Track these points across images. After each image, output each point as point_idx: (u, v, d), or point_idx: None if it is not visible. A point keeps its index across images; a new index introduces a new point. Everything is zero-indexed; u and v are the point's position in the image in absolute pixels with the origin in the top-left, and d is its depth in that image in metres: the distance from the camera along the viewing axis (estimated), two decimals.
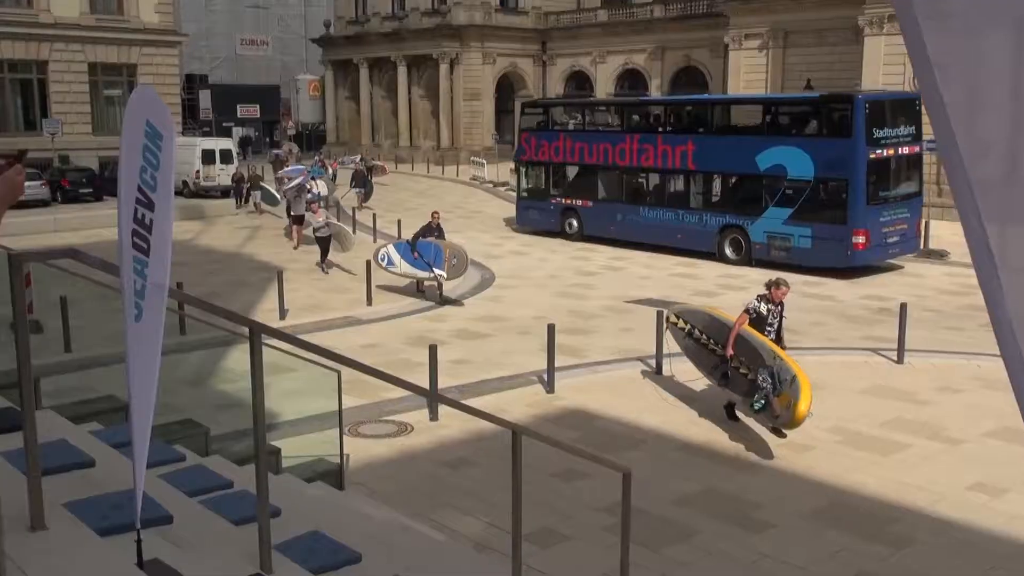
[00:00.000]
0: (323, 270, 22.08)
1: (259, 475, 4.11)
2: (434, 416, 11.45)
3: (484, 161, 45.02)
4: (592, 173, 26.61)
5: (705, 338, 12.12)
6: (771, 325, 11.24)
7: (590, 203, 26.88)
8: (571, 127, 27.53)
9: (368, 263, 19.04)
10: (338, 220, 29.64)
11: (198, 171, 37.12)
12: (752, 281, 20.08)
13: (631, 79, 53.07)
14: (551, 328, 13.07)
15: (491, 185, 42.28)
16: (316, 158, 42.77)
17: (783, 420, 10.54)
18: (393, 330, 16.61)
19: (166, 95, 44.40)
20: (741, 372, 11.27)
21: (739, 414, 11.55)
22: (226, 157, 38.11)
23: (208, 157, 37.56)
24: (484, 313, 18.01)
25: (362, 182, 37.19)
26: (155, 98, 3.34)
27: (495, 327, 16.75)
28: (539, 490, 9.00)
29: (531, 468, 8.12)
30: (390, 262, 19.30)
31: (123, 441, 4.83)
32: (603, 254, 25.09)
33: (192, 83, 67.66)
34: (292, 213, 26.49)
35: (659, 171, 24.91)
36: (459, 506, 8.94)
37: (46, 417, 5.70)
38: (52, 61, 40.27)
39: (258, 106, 70.19)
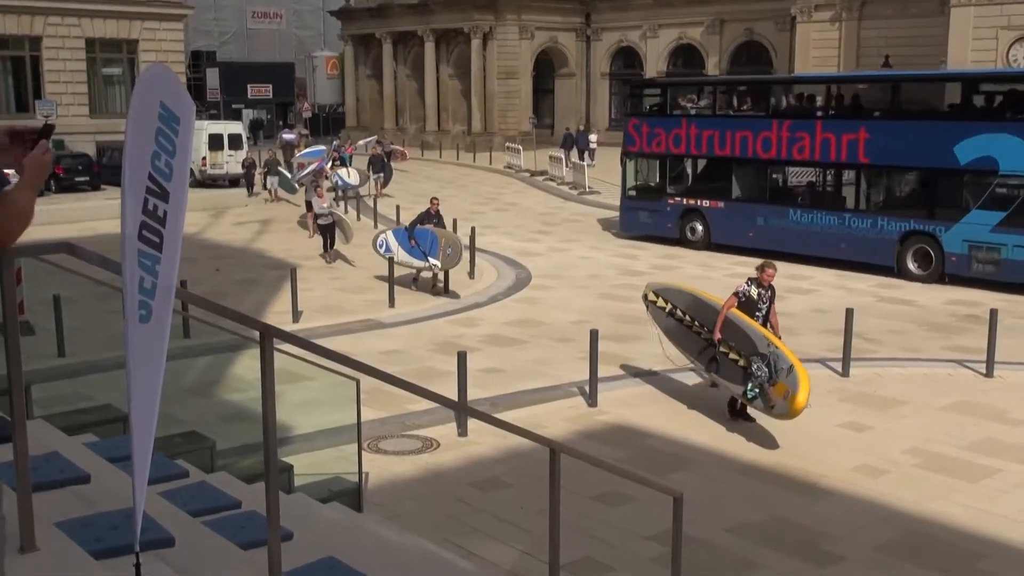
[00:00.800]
0: (327, 260, 22.92)
1: (269, 494, 4.14)
2: (463, 431, 11.48)
3: (520, 147, 45.02)
4: (724, 167, 24.46)
5: (689, 319, 12.73)
6: (760, 310, 11.93)
7: (720, 204, 24.69)
8: (697, 111, 25.34)
9: (390, 260, 19.13)
10: (357, 210, 29.83)
11: (204, 158, 37.46)
12: (931, 299, 19.82)
13: (685, 56, 52.85)
14: (593, 334, 13.05)
15: (528, 174, 42.30)
16: (333, 143, 42.97)
17: (779, 411, 11.15)
18: (417, 335, 16.68)
19: None
20: (731, 358, 11.82)
21: (751, 411, 11.92)
22: (235, 142, 38.42)
23: (215, 142, 37.91)
24: (518, 317, 18.02)
25: (380, 167, 37.33)
26: (171, 76, 3.36)
27: (530, 332, 16.76)
28: (579, 515, 8.99)
29: (570, 490, 8.11)
30: (388, 249, 19.96)
31: (121, 455, 4.89)
32: (651, 251, 25.00)
33: (198, 61, 68.37)
34: (308, 199, 27.13)
35: (817, 164, 22.80)
36: (490, 532, 8.95)
37: (37, 428, 5.79)
38: (46, 36, 40.89)
39: (270, 86, 70.72)
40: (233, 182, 38.10)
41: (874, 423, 12.07)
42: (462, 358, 11.69)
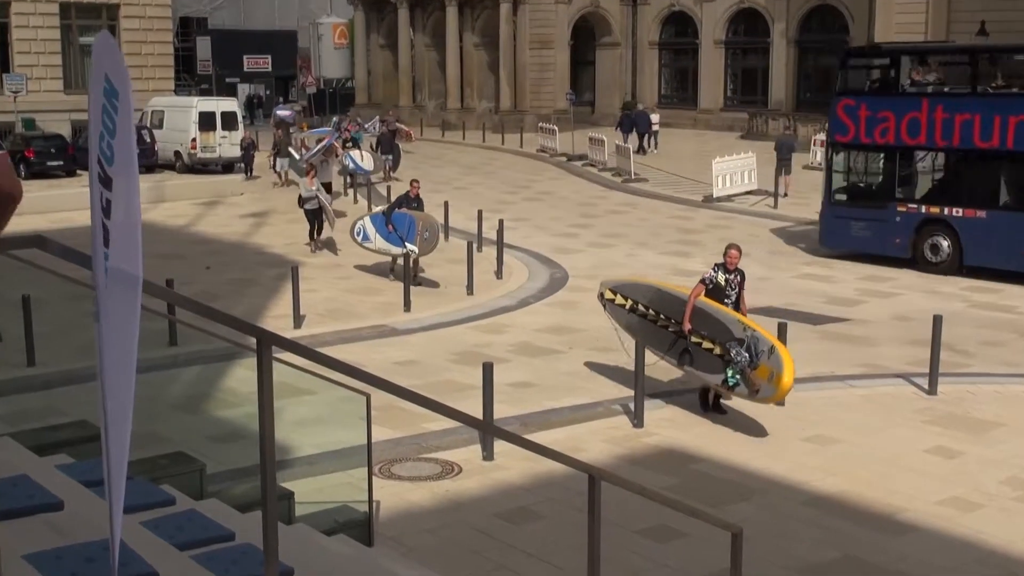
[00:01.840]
0: (312, 248, 23.88)
1: (266, 525, 4.16)
2: (488, 454, 11.49)
3: (555, 128, 45.00)
4: (986, 164, 21.33)
5: (653, 313, 13.43)
6: (729, 296, 12.76)
7: (980, 213, 21.39)
8: (944, 88, 22.25)
9: (408, 257, 19.19)
10: (368, 198, 29.94)
11: (194, 139, 37.81)
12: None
13: (747, 23, 52.69)
14: (639, 344, 13.01)
15: (564, 159, 42.28)
16: (333, 121, 43.16)
17: (765, 395, 12.13)
18: (437, 343, 16.71)
19: (156, 43, 45.41)
20: (705, 348, 12.57)
21: (723, 403, 12.83)
22: (229, 122, 38.70)
23: (207, 122, 38.22)
24: (553, 323, 18.02)
25: (388, 148, 37.43)
26: (111, 44, 3.37)
27: (567, 340, 16.74)
28: (622, 551, 8.96)
29: (612, 523, 8.09)
30: (366, 237, 20.64)
31: (99, 478, 4.92)
32: (707, 249, 24.94)
33: (187, 28, 68.90)
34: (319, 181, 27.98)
35: None
36: (518, 570, 8.94)
37: (4, 447, 5.85)
38: (15, 2, 41.33)
39: (269, 57, 71.16)
40: (227, 167, 38.35)
41: (966, 448, 11.96)
42: (488, 370, 11.70)
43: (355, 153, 34.55)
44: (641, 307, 13.67)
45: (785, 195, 31.20)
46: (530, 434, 11.61)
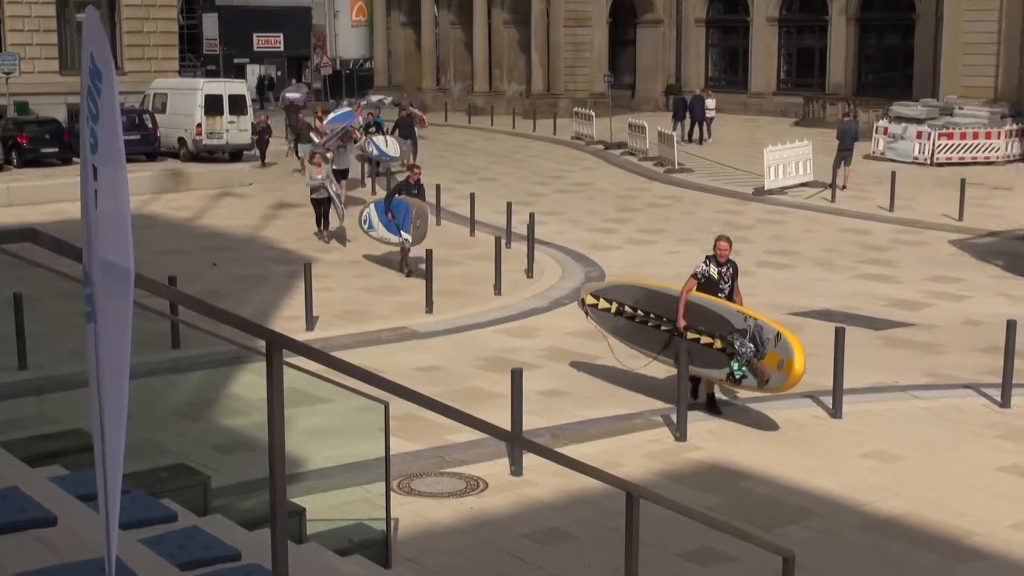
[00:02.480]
0: (320, 239, 24.59)
1: (275, 543, 4.18)
2: (517, 469, 11.49)
3: (592, 113, 44.94)
4: None
5: (642, 314, 13.95)
6: (722, 290, 13.35)
7: None
8: None
9: (429, 253, 19.22)
10: (387, 189, 30.02)
11: (199, 125, 37.99)
12: None
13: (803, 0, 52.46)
14: (682, 348, 12.99)
15: (601, 146, 42.23)
16: (343, 103, 43.26)
17: (776, 383, 12.64)
18: (461, 347, 16.73)
19: (158, 20, 45.69)
20: (703, 343, 13.08)
21: (719, 399, 13.52)
22: (238, 106, 38.82)
23: (213, 106, 38.38)
24: (588, 326, 17.92)
25: (408, 133, 37.51)
26: (96, 21, 3.38)
27: (603, 346, 16.69)
28: (662, 575, 8.96)
29: (651, 545, 8.07)
30: (371, 225, 21.37)
31: (95, 491, 4.95)
32: (757, 246, 24.85)
33: (193, 4, 69.30)
34: (335, 167, 28.67)
35: None
36: None
37: None
38: None
39: (281, 36, 71.46)
40: (235, 154, 38.51)
41: None
42: (516, 377, 11.70)
43: (379, 139, 34.63)
44: (628, 309, 14.14)
45: (843, 188, 31.05)
46: (562, 447, 11.60)
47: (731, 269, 13.61)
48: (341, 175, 28.77)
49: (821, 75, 51.66)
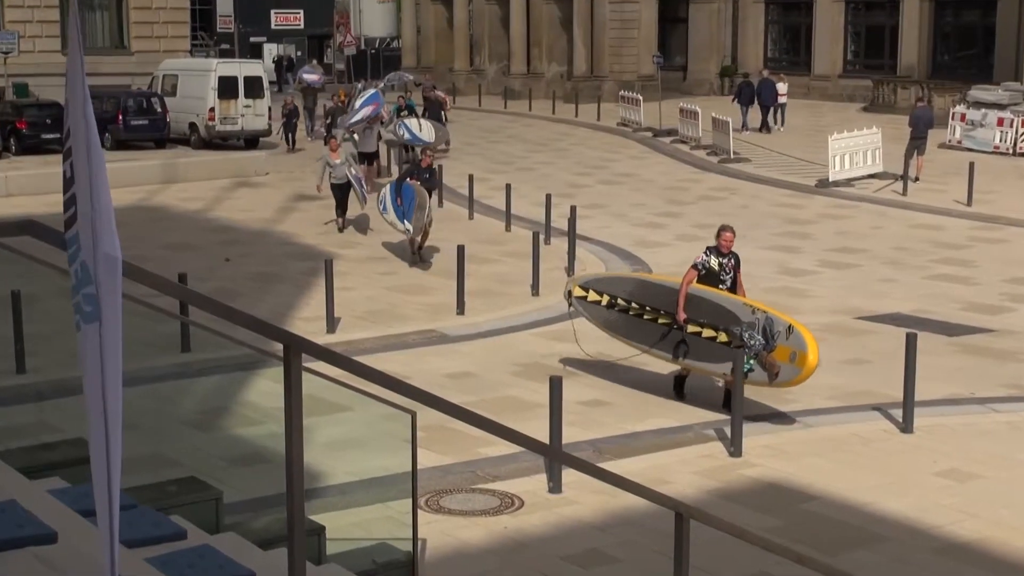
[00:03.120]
0: (338, 227, 25.27)
1: (292, 564, 4.19)
2: (555, 486, 11.49)
3: (640, 97, 44.88)
4: None
5: (637, 307, 14.56)
6: (724, 282, 13.95)
7: None
8: None
9: (460, 249, 19.23)
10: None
11: (212, 109, 38.18)
12: None
13: None
14: (737, 355, 12.95)
15: (649, 134, 42.16)
16: (358, 85, 43.37)
17: (786, 377, 13.20)
18: (495, 352, 16.74)
19: None
20: (705, 337, 13.70)
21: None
22: (254, 88, 39.00)
23: (227, 88, 38.56)
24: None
25: (437, 116, 37.61)
26: None
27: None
28: None
29: (704, 570, 8.04)
30: (385, 208, 22.04)
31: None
32: (820, 243, 24.73)
33: None
34: (360, 150, 29.62)
35: None
36: None
37: None
38: None
39: (301, 13, 71.75)
40: (250, 141, 38.72)
41: None
42: (556, 386, 11.70)
43: (411, 122, 34.76)
44: (622, 301, 14.76)
45: (916, 179, 30.86)
46: (605, 462, 11.59)
47: (733, 261, 14.19)
48: (366, 158, 29.37)
49: (892, 56, 51.36)
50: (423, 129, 34.20)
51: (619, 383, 15.21)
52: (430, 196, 22.48)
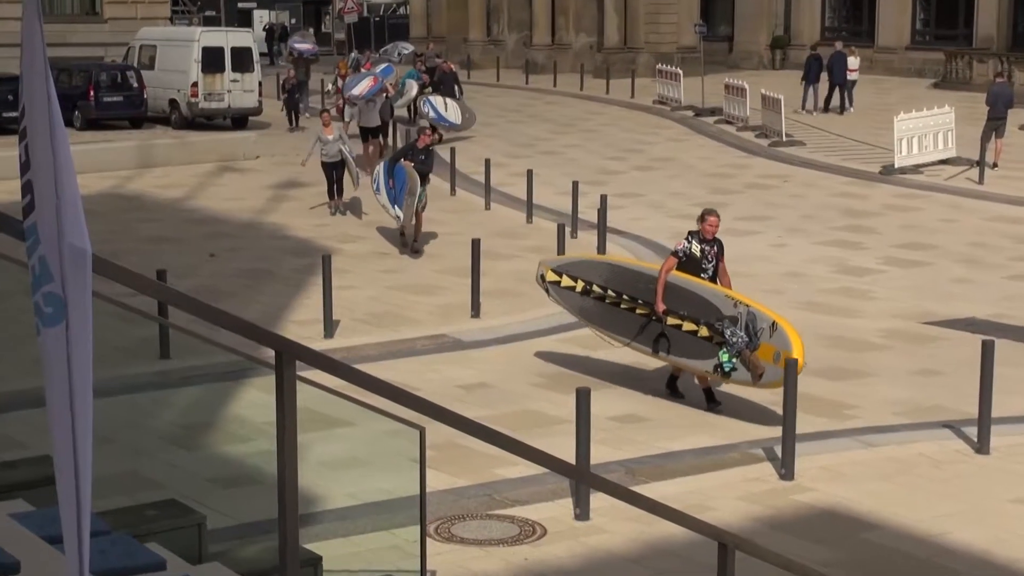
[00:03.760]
0: (331, 210, 26.11)
1: None
2: (582, 512, 11.49)
3: (679, 72, 44.84)
4: None
5: (613, 294, 15.06)
6: (705, 270, 14.43)
7: None
8: None
9: (475, 243, 19.25)
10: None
11: (195, 84, 38.27)
12: None
13: None
14: (790, 366, 12.92)
15: (689, 113, 42.12)
16: (351, 56, 43.69)
17: (771, 378, 13.52)
18: (515, 360, 16.74)
19: None
20: (685, 331, 14.21)
21: (716, 391, 14.40)
22: (242, 61, 39.06)
23: (212, 61, 38.63)
24: None
25: (450, 91, 37.76)
26: None
27: None
28: None
29: None
30: (378, 188, 22.68)
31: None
32: (885, 239, 24.66)
33: None
34: (361, 125, 30.55)
35: None
36: None
37: None
38: None
39: None
40: (238, 120, 38.79)
41: None
42: (583, 398, 11.70)
43: (436, 99, 35.28)
44: (597, 288, 15.28)
45: (994, 166, 30.77)
46: (638, 486, 11.59)
47: (716, 247, 14.62)
48: (369, 134, 29.96)
49: (967, 25, 51.22)
50: (448, 108, 34.72)
51: (655, 395, 15.20)
52: (426, 180, 22.78)
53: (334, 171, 25.64)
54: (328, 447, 9.09)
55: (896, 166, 31.18)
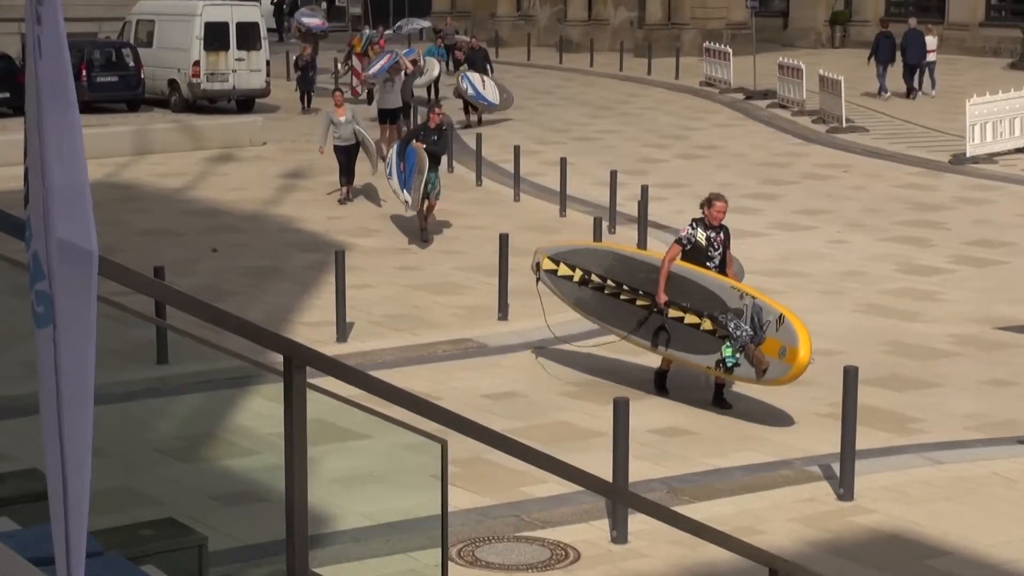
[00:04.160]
0: (342, 198, 26.43)
1: None
2: (620, 534, 11.49)
3: (729, 50, 44.76)
4: None
5: (613, 284, 15.48)
6: (711, 259, 14.81)
7: None
8: None
9: (503, 238, 19.25)
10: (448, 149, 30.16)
11: (197, 63, 38.33)
12: None
13: None
14: (850, 375, 12.90)
15: (740, 96, 42.06)
16: (364, 32, 43.88)
17: (775, 374, 13.97)
18: (545, 367, 16.73)
19: None
20: (688, 323, 14.56)
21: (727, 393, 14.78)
22: (248, 38, 39.12)
23: (215, 38, 38.70)
24: None
25: (482, 68, 37.94)
26: None
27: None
28: None
29: None
30: (390, 172, 23.09)
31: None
32: (955, 235, 24.59)
33: None
34: (380, 106, 31.08)
35: None
36: None
37: None
38: None
39: None
40: (244, 103, 38.86)
41: None
42: (621, 409, 11.69)
43: (474, 77, 35.95)
44: (596, 277, 15.77)
45: None
46: (681, 506, 11.57)
47: (723, 235, 15.00)
48: (388, 116, 30.26)
49: None
50: (487, 87, 35.37)
51: (699, 406, 15.19)
52: (439, 163, 23.28)
53: (347, 155, 25.87)
54: (341, 462, 9.11)
55: (968, 155, 31.07)
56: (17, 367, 13.92)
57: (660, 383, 15.35)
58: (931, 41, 42.30)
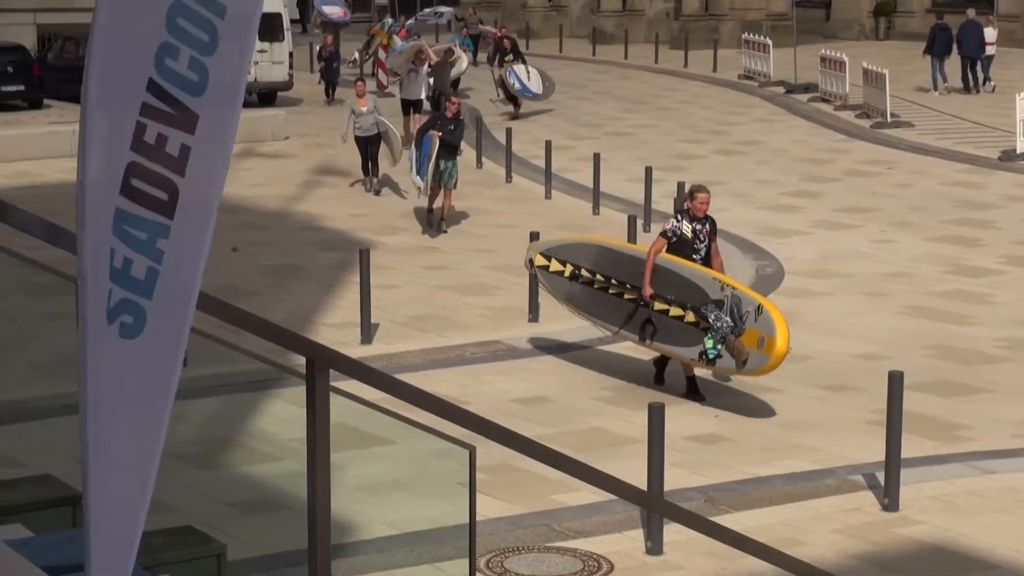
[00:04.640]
0: (367, 188, 26.76)
1: None
2: (655, 545, 11.47)
3: (769, 42, 44.70)
4: None
5: (602, 278, 15.98)
6: (697, 251, 15.27)
7: None
8: None
9: (535, 235, 19.26)
10: (477, 144, 30.15)
11: None
12: None
13: None
14: (895, 380, 12.85)
15: (780, 89, 41.98)
16: (385, 22, 44.01)
17: (755, 364, 14.44)
18: (578, 371, 16.71)
19: None
20: (672, 316, 15.04)
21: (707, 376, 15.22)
22: (270, 29, 39.08)
23: None
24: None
25: (519, 58, 38.21)
26: None
27: (781, 373, 16.57)
28: None
29: None
30: (411, 163, 24.01)
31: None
32: (1004, 234, 24.50)
33: None
34: (403, 97, 31.60)
35: None
36: None
37: None
38: None
39: None
40: (265, 96, 38.93)
41: None
42: (656, 415, 11.68)
43: (519, 68, 36.52)
44: (585, 272, 16.25)
45: None
46: (719, 516, 11.55)
47: (708, 226, 15.46)
48: (412, 107, 30.72)
49: None
50: (531, 78, 36.12)
51: (739, 414, 15.16)
52: (455, 152, 23.75)
53: (369, 146, 26.20)
54: (365, 468, 9.12)
55: (1018, 151, 30.94)
56: (26, 369, 14.00)
57: (659, 374, 15.75)
58: (990, 33, 41.99)
